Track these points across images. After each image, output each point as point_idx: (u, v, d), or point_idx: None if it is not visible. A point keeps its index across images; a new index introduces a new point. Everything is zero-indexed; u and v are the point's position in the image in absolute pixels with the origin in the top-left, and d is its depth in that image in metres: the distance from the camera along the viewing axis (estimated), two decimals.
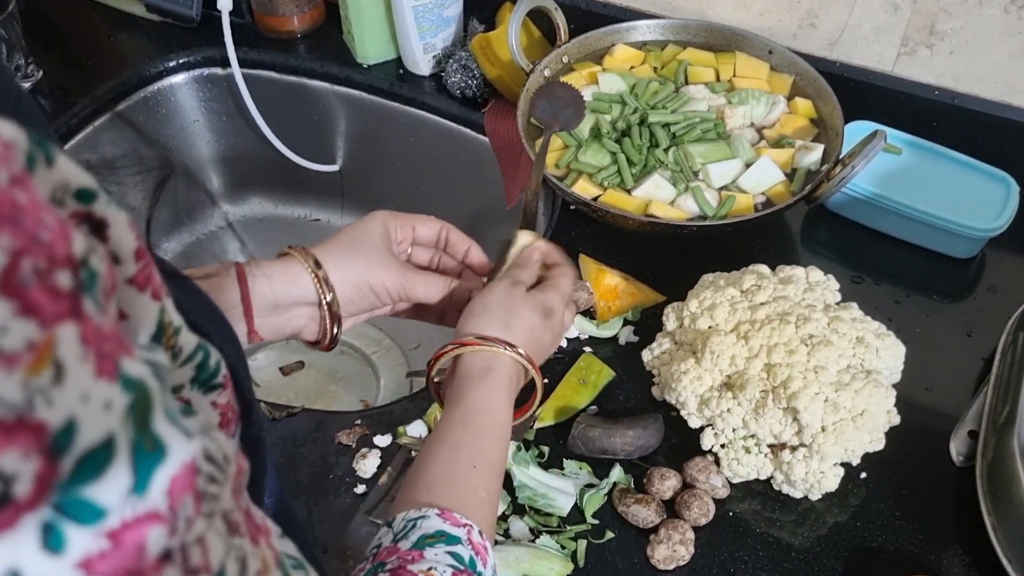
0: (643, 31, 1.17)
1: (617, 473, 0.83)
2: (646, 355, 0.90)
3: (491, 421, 0.63)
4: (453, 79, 1.22)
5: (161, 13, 1.36)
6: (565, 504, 0.81)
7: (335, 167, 1.41)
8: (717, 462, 0.82)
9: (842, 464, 0.81)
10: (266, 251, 1.50)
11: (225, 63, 1.29)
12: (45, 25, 1.37)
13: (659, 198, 0.99)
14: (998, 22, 1.04)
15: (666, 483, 0.81)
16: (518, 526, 0.80)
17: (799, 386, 0.77)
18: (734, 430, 0.81)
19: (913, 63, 1.11)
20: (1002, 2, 1.03)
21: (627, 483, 0.83)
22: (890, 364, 0.84)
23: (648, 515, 0.79)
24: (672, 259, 1.02)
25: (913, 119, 1.09)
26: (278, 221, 1.51)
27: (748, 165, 1.01)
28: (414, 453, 0.86)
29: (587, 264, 1.00)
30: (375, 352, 1.36)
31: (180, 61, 1.33)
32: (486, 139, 1.22)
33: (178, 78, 1.34)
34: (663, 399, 0.88)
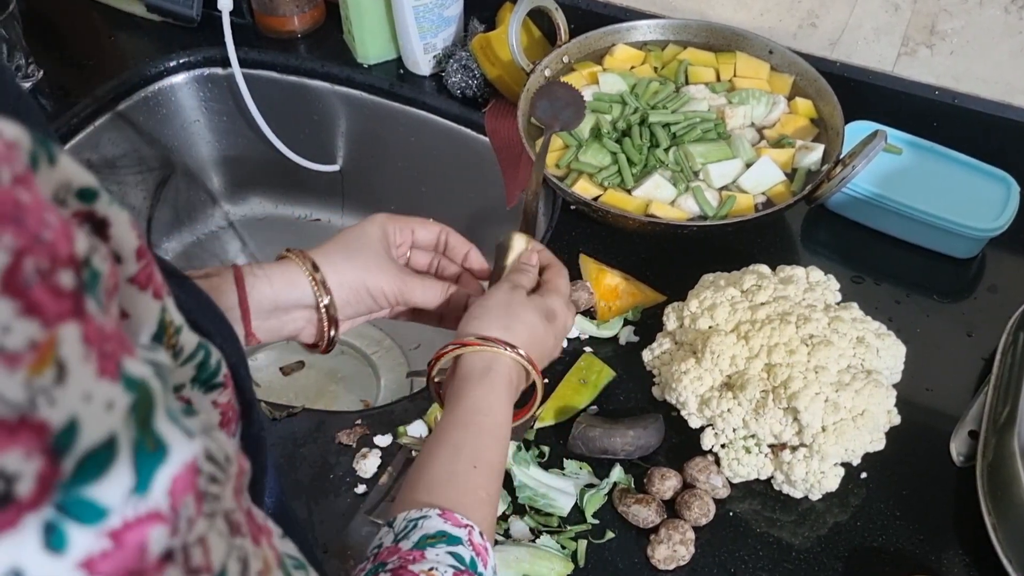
0: (643, 31, 1.17)
1: (617, 473, 0.83)
2: (646, 355, 0.90)
3: (491, 421, 0.63)
4: (453, 79, 1.22)
5: (161, 13, 1.36)
6: (565, 504, 0.81)
7: (335, 167, 1.41)
8: (717, 462, 0.82)
9: (842, 464, 0.81)
10: (266, 251, 1.50)
11: (225, 63, 1.29)
12: (45, 25, 1.37)
13: (659, 198, 0.99)
14: (998, 22, 1.04)
15: (666, 483, 0.81)
16: (518, 526, 0.80)
17: (799, 386, 0.77)
18: (734, 430, 0.81)
19: (913, 63, 1.11)
20: (1002, 2, 1.03)
21: (627, 483, 0.83)
22: (890, 364, 0.84)
23: (648, 515, 0.79)
24: (672, 259, 1.02)
25: (913, 119, 1.09)
26: (278, 221, 1.51)
27: (748, 165, 1.01)
28: (414, 453, 0.86)
29: (587, 264, 1.00)
30: (375, 352, 1.36)
31: (180, 61, 1.33)
32: (486, 139, 1.22)
33: (178, 78, 1.34)
34: (663, 399, 0.88)
